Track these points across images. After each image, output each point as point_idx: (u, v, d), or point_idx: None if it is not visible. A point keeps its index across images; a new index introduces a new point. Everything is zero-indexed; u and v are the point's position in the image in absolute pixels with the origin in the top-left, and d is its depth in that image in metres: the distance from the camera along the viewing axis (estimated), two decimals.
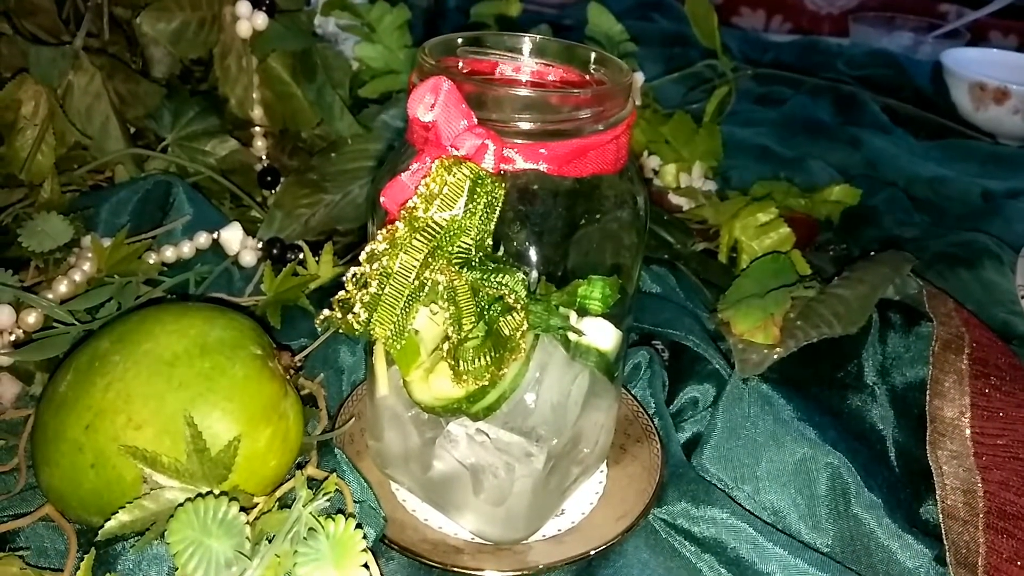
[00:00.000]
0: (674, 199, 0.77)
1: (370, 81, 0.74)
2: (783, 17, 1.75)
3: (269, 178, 0.66)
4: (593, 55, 0.40)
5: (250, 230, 0.60)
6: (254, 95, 0.65)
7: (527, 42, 0.41)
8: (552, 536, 0.42)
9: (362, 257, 0.33)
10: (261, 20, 0.63)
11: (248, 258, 0.59)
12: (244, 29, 0.63)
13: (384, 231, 0.33)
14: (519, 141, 0.34)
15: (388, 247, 0.33)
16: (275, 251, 0.59)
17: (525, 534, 0.42)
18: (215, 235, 0.58)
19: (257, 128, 0.67)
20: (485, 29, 0.85)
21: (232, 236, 0.58)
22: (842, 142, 0.94)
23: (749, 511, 0.44)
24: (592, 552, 0.41)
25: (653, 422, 0.49)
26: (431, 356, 0.37)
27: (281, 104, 0.66)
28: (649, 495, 0.44)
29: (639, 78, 0.80)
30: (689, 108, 0.84)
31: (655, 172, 0.80)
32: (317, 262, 0.57)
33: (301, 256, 0.58)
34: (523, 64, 0.41)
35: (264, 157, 0.67)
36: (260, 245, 0.60)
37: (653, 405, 0.51)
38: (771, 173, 0.82)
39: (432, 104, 0.33)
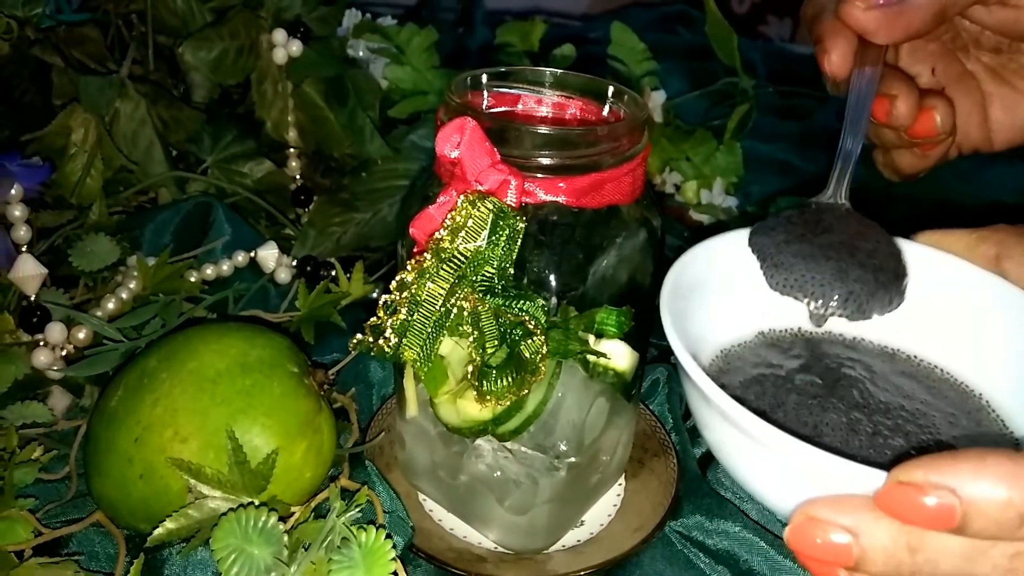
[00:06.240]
0: (695, 215, 0.78)
1: (400, 101, 0.77)
2: None
3: (302, 197, 0.68)
4: (611, 89, 0.42)
5: (284, 247, 0.63)
6: (289, 118, 0.68)
7: (548, 76, 0.43)
8: (572, 546, 0.44)
9: (392, 286, 0.36)
10: (296, 47, 0.66)
11: (283, 276, 0.61)
12: (280, 56, 0.66)
13: (413, 261, 0.35)
14: (539, 175, 0.36)
15: (416, 276, 0.35)
16: (309, 269, 0.62)
17: (546, 544, 0.43)
18: (252, 254, 0.61)
19: (291, 150, 0.69)
20: (509, 51, 0.87)
21: (268, 255, 0.61)
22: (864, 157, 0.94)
23: (761, 525, 0.45)
24: (610, 562, 0.43)
25: (670, 437, 0.51)
26: (459, 383, 0.39)
27: (314, 127, 0.68)
28: (665, 508, 0.45)
29: (660, 97, 0.81)
30: (711, 124, 0.86)
31: (676, 188, 0.81)
32: (348, 280, 0.60)
33: (333, 273, 0.61)
34: (544, 97, 0.43)
35: (298, 177, 0.70)
36: (294, 263, 0.62)
37: (670, 420, 0.52)
38: (792, 188, 0.83)
39: (458, 143, 0.35)
